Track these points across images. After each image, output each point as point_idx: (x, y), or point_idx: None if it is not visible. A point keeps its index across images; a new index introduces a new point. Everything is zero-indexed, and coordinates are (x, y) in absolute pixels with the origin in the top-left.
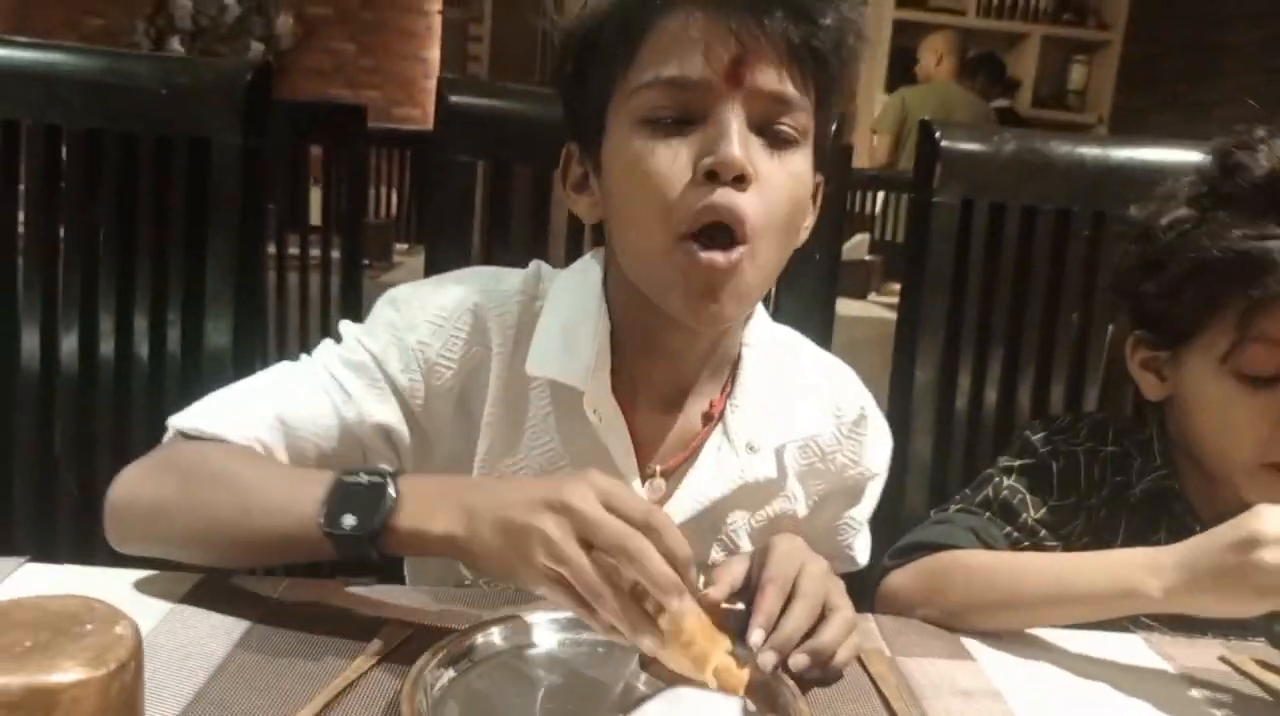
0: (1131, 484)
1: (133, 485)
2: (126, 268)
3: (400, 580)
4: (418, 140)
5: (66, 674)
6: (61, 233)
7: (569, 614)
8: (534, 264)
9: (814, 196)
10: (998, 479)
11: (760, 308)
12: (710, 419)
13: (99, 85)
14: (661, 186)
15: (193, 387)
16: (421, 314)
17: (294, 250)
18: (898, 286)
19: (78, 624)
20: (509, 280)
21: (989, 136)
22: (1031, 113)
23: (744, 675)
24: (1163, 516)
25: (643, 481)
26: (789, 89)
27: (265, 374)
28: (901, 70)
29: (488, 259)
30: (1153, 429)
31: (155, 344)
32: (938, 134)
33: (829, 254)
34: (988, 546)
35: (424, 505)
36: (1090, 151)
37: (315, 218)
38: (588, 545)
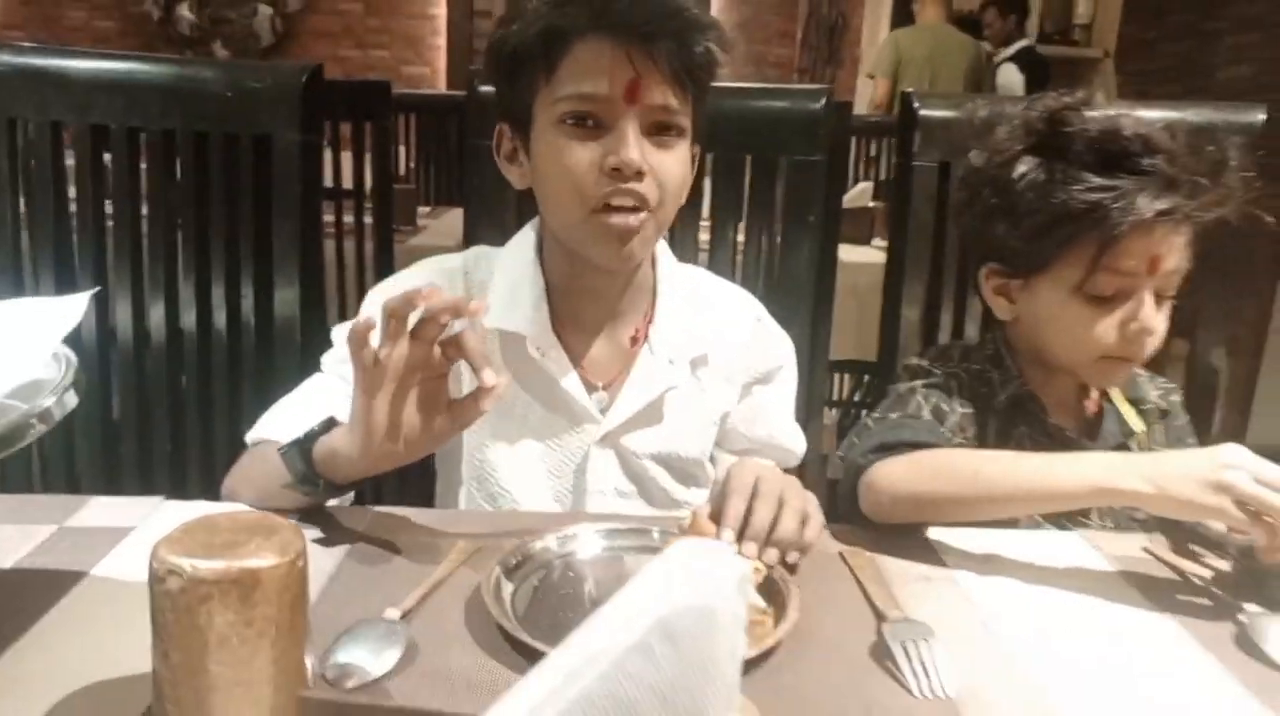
0: (995, 392)
1: (230, 488)
2: (203, 249)
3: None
4: (434, 104)
5: (265, 560)
6: (145, 221)
7: (611, 525)
8: (475, 248)
9: (691, 161)
10: (919, 397)
11: (666, 248)
12: (636, 341)
13: (172, 90)
14: (578, 177)
15: (268, 352)
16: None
17: (328, 217)
18: None
19: (262, 528)
20: (453, 261)
21: (962, 104)
22: (1038, 49)
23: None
24: (1019, 414)
25: (589, 395)
26: (672, 101)
27: (299, 388)
28: (905, 14)
29: (519, 227)
30: (999, 344)
31: (231, 314)
32: (916, 104)
33: (824, 210)
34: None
35: (331, 437)
36: None
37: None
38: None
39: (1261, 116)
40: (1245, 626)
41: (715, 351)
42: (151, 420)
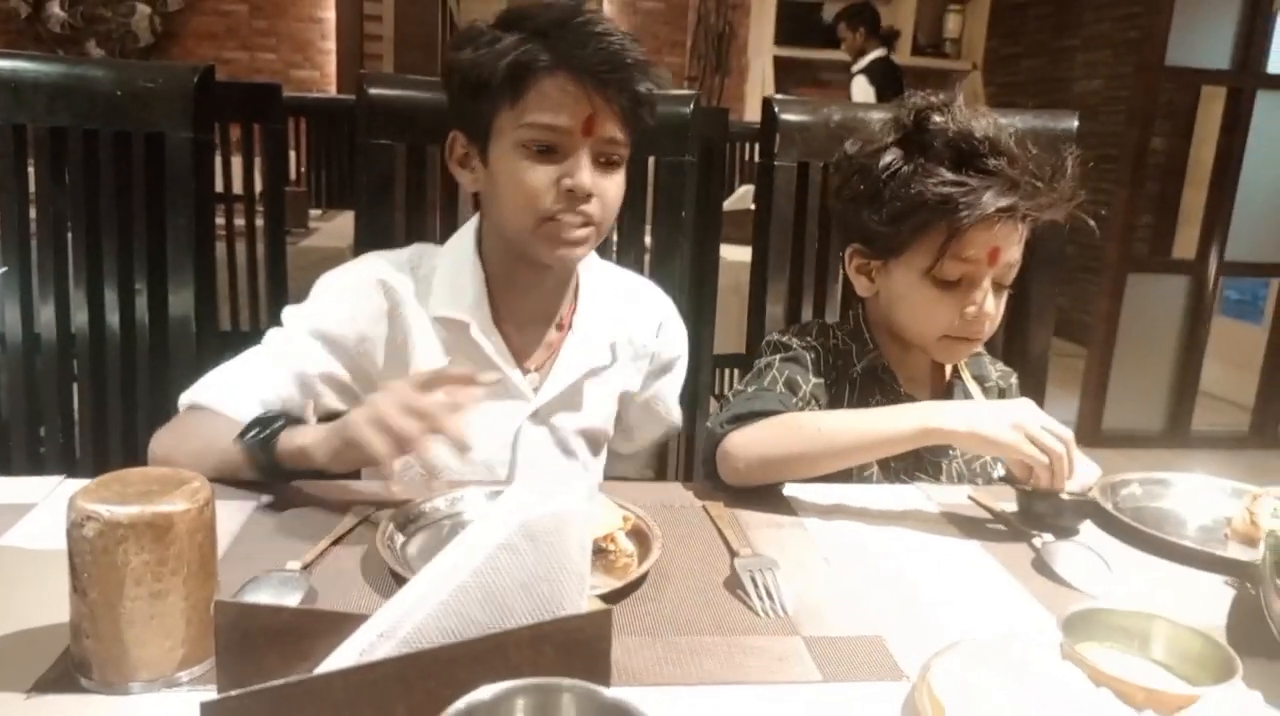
0: (853, 363)
1: (165, 446)
2: (95, 248)
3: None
4: (325, 107)
5: (176, 505)
6: (33, 220)
7: (494, 488)
8: (416, 244)
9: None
10: (775, 371)
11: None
12: (562, 328)
13: (61, 88)
14: (535, 193)
15: (163, 352)
16: (343, 285)
17: (219, 220)
18: None
19: (172, 480)
20: (400, 255)
21: (818, 109)
22: (911, 61)
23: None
24: (875, 384)
25: (523, 376)
26: (619, 135)
27: (241, 357)
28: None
29: (408, 225)
30: (859, 319)
31: (125, 313)
32: (776, 109)
33: (699, 210)
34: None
35: (299, 434)
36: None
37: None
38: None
39: (1075, 123)
40: (1040, 551)
41: (629, 337)
42: (42, 421)
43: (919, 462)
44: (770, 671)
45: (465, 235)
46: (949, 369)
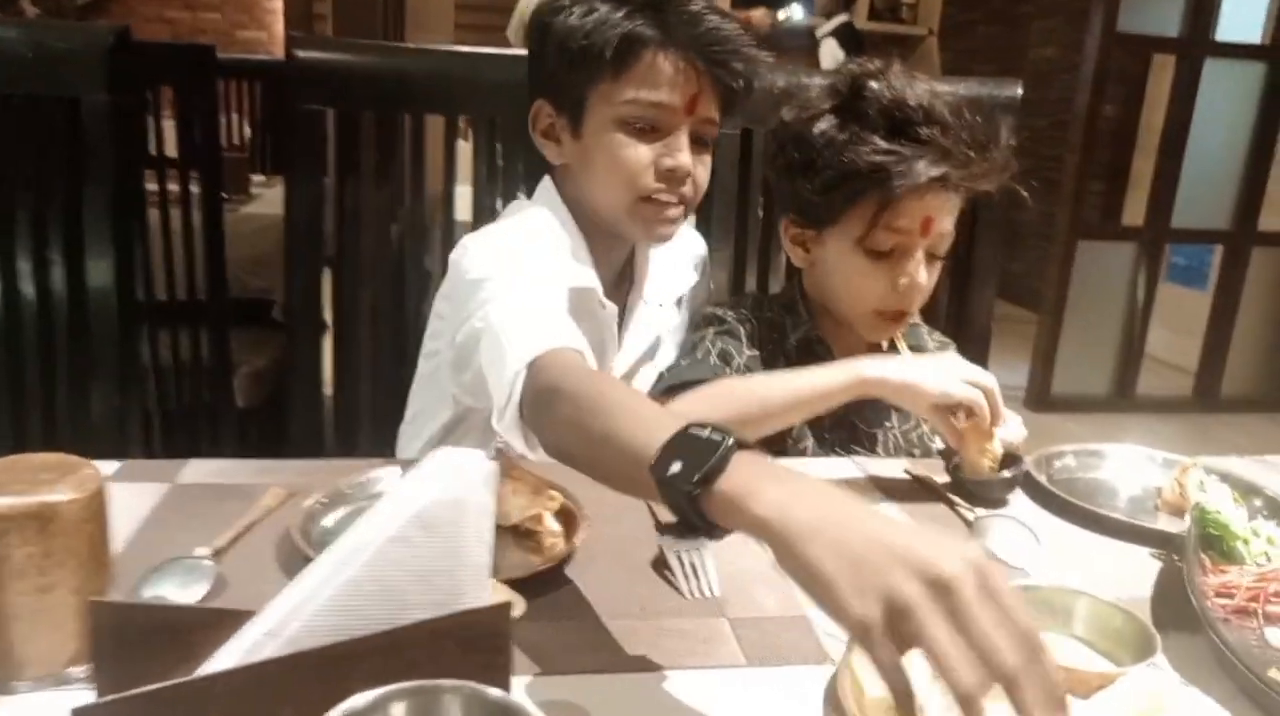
0: (787, 336)
1: (562, 443)
2: (8, 217)
3: None
4: (267, 70)
5: (61, 495)
6: None
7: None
8: (517, 202)
9: None
10: (708, 343)
11: None
12: (629, 290)
13: None
14: (633, 172)
15: (82, 324)
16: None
17: (153, 187)
18: None
19: (61, 467)
20: (541, 215)
21: (761, 75)
22: (868, 25)
23: None
24: (810, 357)
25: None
26: (716, 115)
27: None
28: None
29: (340, 193)
30: (796, 292)
31: (41, 285)
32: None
33: None
34: None
35: (756, 479)
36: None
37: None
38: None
39: (1019, 91)
40: (973, 525)
41: (686, 291)
42: None
43: (854, 435)
44: (694, 656)
45: (552, 205)
46: (885, 342)
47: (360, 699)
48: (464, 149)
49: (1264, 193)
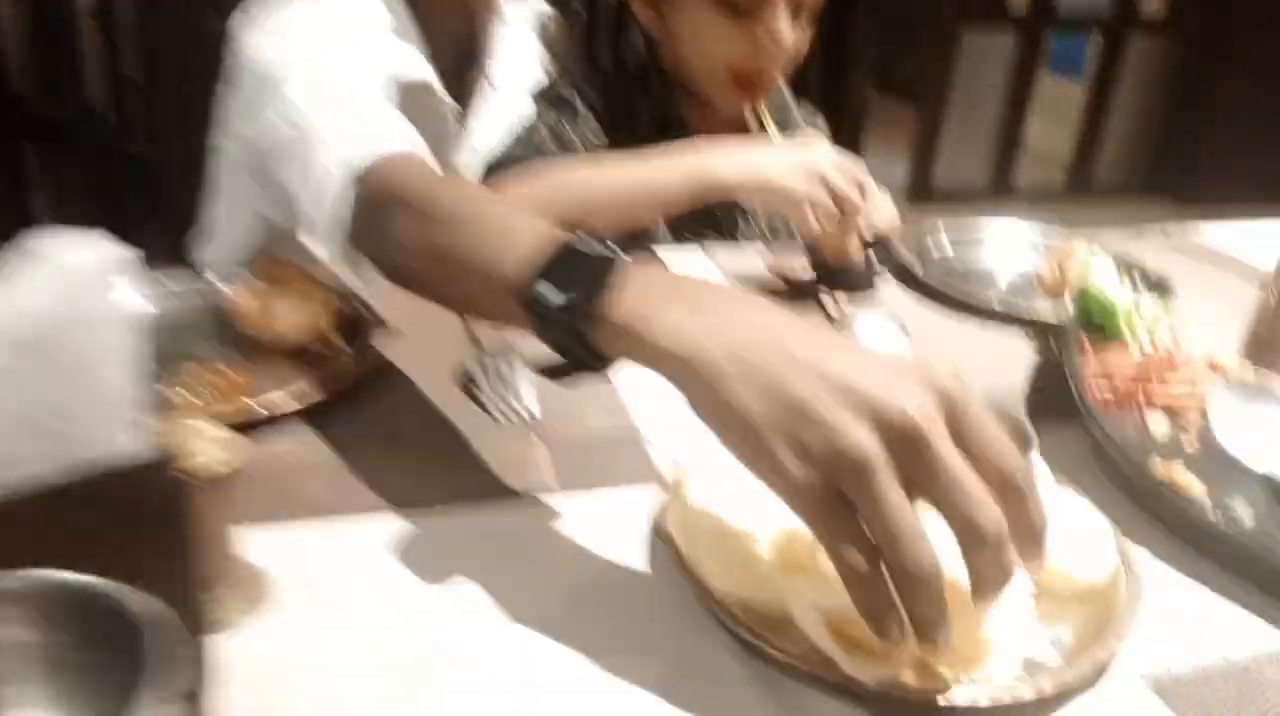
0: (639, 118)
1: (398, 263)
2: None
3: None
4: None
5: None
6: None
7: None
8: None
9: None
10: (542, 128)
11: None
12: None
13: None
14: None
15: None
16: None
17: None
18: None
19: None
20: None
21: None
22: None
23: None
24: (665, 138)
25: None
26: None
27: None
28: None
29: None
30: (649, 66)
31: None
32: None
33: None
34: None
35: (655, 300)
36: None
37: None
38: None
39: None
40: (836, 319)
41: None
42: None
43: (710, 219)
44: (502, 480)
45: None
46: (750, 118)
47: None
48: None
49: None
